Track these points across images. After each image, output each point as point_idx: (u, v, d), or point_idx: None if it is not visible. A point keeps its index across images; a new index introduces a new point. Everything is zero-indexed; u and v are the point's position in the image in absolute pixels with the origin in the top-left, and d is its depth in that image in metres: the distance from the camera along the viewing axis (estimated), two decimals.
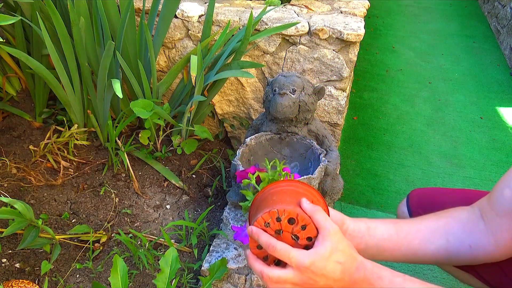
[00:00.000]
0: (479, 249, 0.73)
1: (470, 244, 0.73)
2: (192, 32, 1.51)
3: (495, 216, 0.72)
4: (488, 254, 0.73)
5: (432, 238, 0.75)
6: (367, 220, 0.75)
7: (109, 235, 1.27)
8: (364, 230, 0.73)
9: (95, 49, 1.39)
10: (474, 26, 3.25)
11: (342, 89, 1.48)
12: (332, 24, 1.40)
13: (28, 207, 1.06)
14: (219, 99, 1.64)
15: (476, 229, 0.74)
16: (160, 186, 1.45)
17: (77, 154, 1.50)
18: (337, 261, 0.59)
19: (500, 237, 0.71)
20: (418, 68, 2.62)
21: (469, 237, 0.74)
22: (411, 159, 1.86)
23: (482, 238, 0.73)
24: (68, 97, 1.38)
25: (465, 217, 0.76)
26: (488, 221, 0.73)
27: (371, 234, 0.74)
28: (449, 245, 0.74)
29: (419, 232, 0.75)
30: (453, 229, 0.75)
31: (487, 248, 0.73)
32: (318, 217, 0.61)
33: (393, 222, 0.76)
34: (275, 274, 0.60)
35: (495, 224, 0.72)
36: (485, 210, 0.74)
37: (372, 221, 0.75)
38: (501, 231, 0.71)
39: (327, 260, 0.59)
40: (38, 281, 1.12)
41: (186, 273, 1.15)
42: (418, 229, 0.75)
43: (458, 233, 0.74)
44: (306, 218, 0.60)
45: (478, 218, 0.75)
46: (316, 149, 1.16)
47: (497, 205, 0.72)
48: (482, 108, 2.25)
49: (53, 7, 1.18)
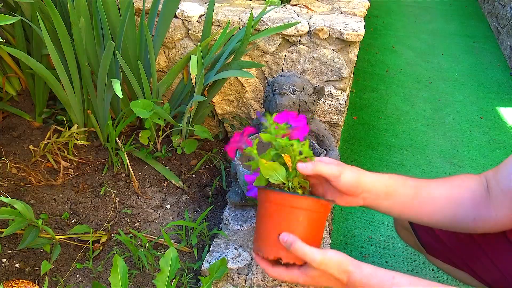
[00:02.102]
0: (481, 221, 0.76)
1: (475, 217, 0.76)
2: (192, 32, 1.51)
3: (500, 191, 0.74)
4: (487, 225, 0.76)
5: (443, 209, 0.77)
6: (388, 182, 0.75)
7: (109, 235, 1.27)
8: (382, 195, 0.75)
9: (95, 49, 1.39)
10: (474, 26, 3.25)
11: (342, 89, 1.48)
12: (332, 24, 1.40)
13: (28, 207, 1.06)
14: (219, 99, 1.64)
15: (482, 203, 0.76)
16: (160, 186, 1.45)
17: (77, 154, 1.50)
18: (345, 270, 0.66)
19: (500, 212, 0.74)
20: (418, 68, 2.62)
21: (475, 211, 0.76)
22: (411, 159, 1.86)
23: (486, 211, 0.75)
24: (68, 97, 1.38)
25: (475, 188, 0.77)
26: (493, 194, 0.75)
27: (389, 198, 0.75)
28: (456, 217, 0.76)
29: (434, 200, 0.77)
30: (464, 204, 0.77)
31: (487, 220, 0.75)
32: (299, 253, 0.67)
33: (414, 187, 0.77)
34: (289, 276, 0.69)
35: (499, 199, 0.74)
36: (491, 183, 0.76)
37: (392, 186, 0.76)
38: (502, 206, 0.73)
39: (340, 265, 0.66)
40: (38, 281, 1.12)
41: (186, 273, 1.15)
42: (433, 197, 0.77)
43: (467, 207, 0.76)
44: None
45: (485, 190, 0.76)
46: (316, 149, 1.16)
47: (503, 181, 0.73)
48: (482, 108, 2.25)
49: (53, 7, 1.18)
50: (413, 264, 1.36)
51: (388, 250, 1.41)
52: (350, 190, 0.71)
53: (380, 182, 0.74)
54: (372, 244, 1.42)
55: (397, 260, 1.37)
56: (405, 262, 1.37)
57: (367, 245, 1.42)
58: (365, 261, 1.43)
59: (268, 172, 0.68)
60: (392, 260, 1.37)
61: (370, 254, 1.39)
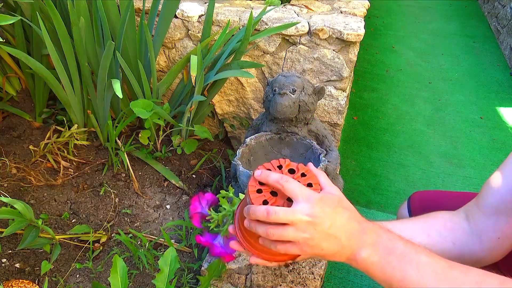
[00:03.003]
0: (463, 247, 0.71)
1: (453, 241, 0.71)
2: (192, 32, 1.51)
3: (482, 216, 0.70)
4: (474, 254, 0.71)
5: (413, 234, 0.72)
6: None
7: (109, 235, 1.27)
8: None
9: (95, 49, 1.39)
10: (474, 26, 3.25)
11: (342, 89, 1.48)
12: (332, 24, 1.40)
13: (28, 207, 1.06)
14: (219, 99, 1.64)
15: (459, 228, 0.72)
16: (160, 186, 1.45)
17: (77, 154, 1.50)
18: (345, 207, 0.57)
19: (485, 238, 0.70)
20: (418, 68, 2.62)
21: (451, 234, 0.72)
22: (411, 159, 1.86)
23: (466, 237, 0.71)
24: (68, 97, 1.38)
25: (447, 217, 0.75)
26: (474, 221, 0.72)
27: None
28: (430, 240, 0.72)
29: (401, 231, 0.72)
30: (434, 226, 0.73)
31: (472, 247, 0.71)
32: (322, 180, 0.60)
33: None
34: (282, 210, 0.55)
35: (481, 224, 0.70)
36: (471, 212, 0.73)
37: None
38: (487, 231, 0.70)
39: (337, 201, 0.57)
40: (38, 281, 1.12)
41: (186, 273, 1.15)
42: (399, 228, 0.73)
43: (439, 229, 0.73)
44: (306, 168, 0.61)
45: (461, 219, 0.73)
46: (316, 149, 1.16)
47: (484, 204, 0.71)
48: (482, 108, 2.25)
49: (53, 7, 1.18)
50: None
51: None
52: None
53: None
54: None
55: None
56: None
57: None
58: None
59: None
60: None
61: None
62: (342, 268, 1.34)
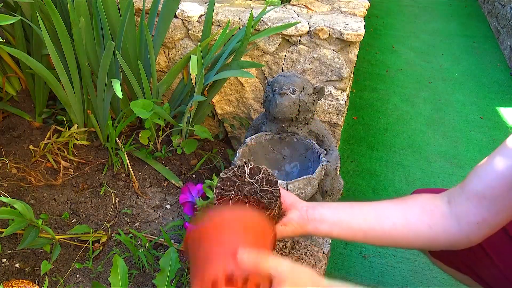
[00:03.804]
0: (439, 231, 0.71)
1: (430, 224, 0.71)
2: (192, 32, 1.51)
3: (465, 200, 0.70)
4: (450, 237, 0.71)
5: (389, 214, 0.73)
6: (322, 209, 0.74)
7: (109, 235, 1.27)
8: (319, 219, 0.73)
9: (95, 49, 1.39)
10: (474, 26, 3.25)
11: (342, 89, 1.48)
12: (332, 24, 1.40)
13: (28, 207, 1.06)
14: (219, 99, 1.64)
15: (438, 212, 0.72)
16: (160, 186, 1.45)
17: (77, 154, 1.50)
18: None
19: (464, 222, 0.70)
20: (418, 68, 2.62)
21: (428, 217, 0.72)
22: (411, 159, 1.86)
23: (444, 220, 0.71)
24: (68, 97, 1.38)
25: (428, 200, 0.74)
26: (456, 205, 0.71)
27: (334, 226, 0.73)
28: (407, 222, 0.72)
29: (380, 211, 0.74)
30: (412, 209, 0.73)
31: (449, 231, 0.71)
32: (264, 267, 0.55)
33: (350, 206, 0.76)
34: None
35: (463, 208, 0.70)
36: (455, 195, 0.72)
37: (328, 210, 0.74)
38: (467, 215, 0.69)
39: None
40: (38, 281, 1.12)
41: (186, 273, 1.15)
42: (379, 208, 0.75)
43: (416, 212, 0.73)
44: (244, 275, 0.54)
45: (443, 202, 0.73)
46: (316, 149, 1.16)
47: (470, 189, 0.70)
48: (482, 108, 2.25)
49: (53, 7, 1.18)
50: (413, 264, 1.36)
51: (388, 250, 1.41)
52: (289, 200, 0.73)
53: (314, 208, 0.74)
54: None
55: (397, 260, 1.37)
56: (405, 262, 1.37)
57: (367, 245, 1.42)
58: (365, 261, 1.43)
59: None
60: (392, 260, 1.37)
61: (370, 254, 1.39)
62: (342, 268, 1.34)
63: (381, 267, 1.35)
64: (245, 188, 0.70)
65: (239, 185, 0.70)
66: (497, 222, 0.68)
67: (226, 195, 0.68)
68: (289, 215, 0.72)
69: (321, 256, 1.08)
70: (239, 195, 0.69)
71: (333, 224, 0.73)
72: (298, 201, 0.75)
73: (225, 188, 0.69)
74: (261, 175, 0.71)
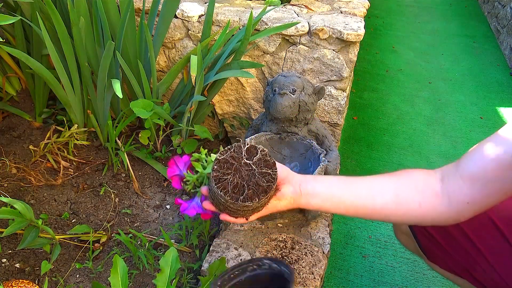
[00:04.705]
0: (429, 209, 0.73)
1: (420, 201, 0.73)
2: (192, 32, 1.51)
3: (459, 179, 0.71)
4: (438, 215, 0.73)
5: (381, 191, 0.75)
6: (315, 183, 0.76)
7: (109, 235, 1.27)
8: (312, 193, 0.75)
9: (95, 49, 1.39)
10: (474, 26, 3.25)
11: (342, 89, 1.48)
12: (332, 24, 1.40)
13: (28, 207, 1.06)
14: (219, 99, 1.64)
15: (429, 190, 0.73)
16: (160, 186, 1.45)
17: (77, 154, 1.50)
18: None
19: (455, 200, 0.71)
20: (418, 68, 2.62)
21: (419, 195, 0.73)
22: (411, 159, 1.86)
23: (434, 199, 0.72)
24: (68, 97, 1.38)
25: (421, 177, 0.75)
26: (448, 183, 0.72)
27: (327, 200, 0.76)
28: (397, 199, 0.74)
29: (372, 186, 0.76)
30: (404, 186, 0.74)
31: (438, 209, 0.72)
32: None
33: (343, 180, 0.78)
34: None
35: (455, 187, 0.71)
36: (449, 173, 0.73)
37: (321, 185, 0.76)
38: (458, 194, 0.70)
39: None
40: (38, 281, 1.12)
41: (186, 273, 1.15)
42: (369, 186, 0.76)
43: (408, 190, 0.74)
44: None
45: (436, 180, 0.74)
46: (316, 149, 1.16)
47: (465, 168, 0.71)
48: (482, 108, 2.25)
49: (53, 7, 1.18)
50: (413, 264, 1.36)
51: (388, 250, 1.41)
52: (283, 174, 0.74)
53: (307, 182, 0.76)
54: (372, 244, 1.42)
55: (397, 260, 1.37)
56: (405, 262, 1.37)
57: (367, 245, 1.42)
58: (365, 261, 1.43)
59: None
60: (392, 260, 1.37)
61: (370, 254, 1.39)
62: (342, 268, 1.34)
63: (381, 267, 1.35)
64: (242, 170, 0.70)
65: (236, 167, 0.70)
66: (486, 204, 0.70)
67: (224, 179, 0.68)
68: (283, 189, 0.74)
69: (321, 256, 1.08)
70: (237, 178, 0.69)
71: (325, 199, 0.75)
72: (291, 174, 0.76)
73: (222, 171, 0.69)
74: (259, 156, 0.71)
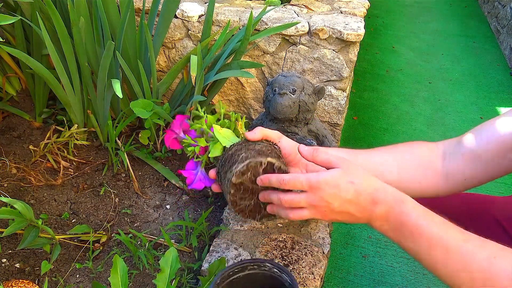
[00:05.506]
0: (428, 186, 0.75)
1: (420, 181, 0.75)
2: (192, 32, 1.51)
3: (459, 158, 0.72)
4: (434, 190, 0.75)
5: (386, 167, 0.76)
6: None
7: (109, 235, 1.27)
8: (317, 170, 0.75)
9: (95, 49, 1.39)
10: (474, 26, 3.25)
11: (342, 89, 1.48)
12: (332, 24, 1.40)
13: (28, 207, 1.06)
14: (219, 99, 1.64)
15: (431, 168, 0.75)
16: (160, 186, 1.45)
17: (77, 154, 1.50)
18: (350, 181, 0.59)
19: (452, 178, 0.73)
20: (418, 68, 2.62)
21: (420, 174, 0.75)
22: None
23: (434, 177, 0.74)
24: (68, 97, 1.38)
25: (424, 153, 0.77)
26: (449, 160, 0.74)
27: None
28: (400, 177, 0.75)
29: (375, 165, 0.76)
30: (407, 167, 0.76)
31: (436, 186, 0.75)
32: (321, 158, 0.64)
33: (347, 152, 0.78)
34: (290, 197, 0.62)
35: (455, 165, 0.73)
36: (450, 149, 0.75)
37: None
38: (457, 172, 0.72)
39: (338, 179, 0.59)
40: (38, 281, 1.12)
41: (186, 273, 1.15)
42: (373, 162, 0.77)
43: (411, 171, 0.76)
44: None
45: (438, 157, 0.75)
46: None
47: (467, 146, 0.72)
48: (482, 108, 2.25)
49: (53, 7, 1.18)
50: (413, 264, 1.36)
51: (388, 250, 1.41)
52: (291, 154, 0.74)
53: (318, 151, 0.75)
54: (372, 244, 1.42)
55: (397, 260, 1.37)
56: (405, 262, 1.37)
57: (367, 245, 1.42)
58: (365, 261, 1.43)
59: (224, 139, 0.75)
60: (392, 260, 1.37)
61: (370, 254, 1.39)
62: (342, 268, 1.34)
63: (381, 267, 1.35)
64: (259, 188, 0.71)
65: (253, 189, 0.72)
66: (483, 181, 0.72)
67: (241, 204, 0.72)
68: (291, 172, 0.75)
69: (321, 256, 1.08)
70: (254, 200, 0.71)
71: None
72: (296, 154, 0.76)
73: (239, 196, 0.71)
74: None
